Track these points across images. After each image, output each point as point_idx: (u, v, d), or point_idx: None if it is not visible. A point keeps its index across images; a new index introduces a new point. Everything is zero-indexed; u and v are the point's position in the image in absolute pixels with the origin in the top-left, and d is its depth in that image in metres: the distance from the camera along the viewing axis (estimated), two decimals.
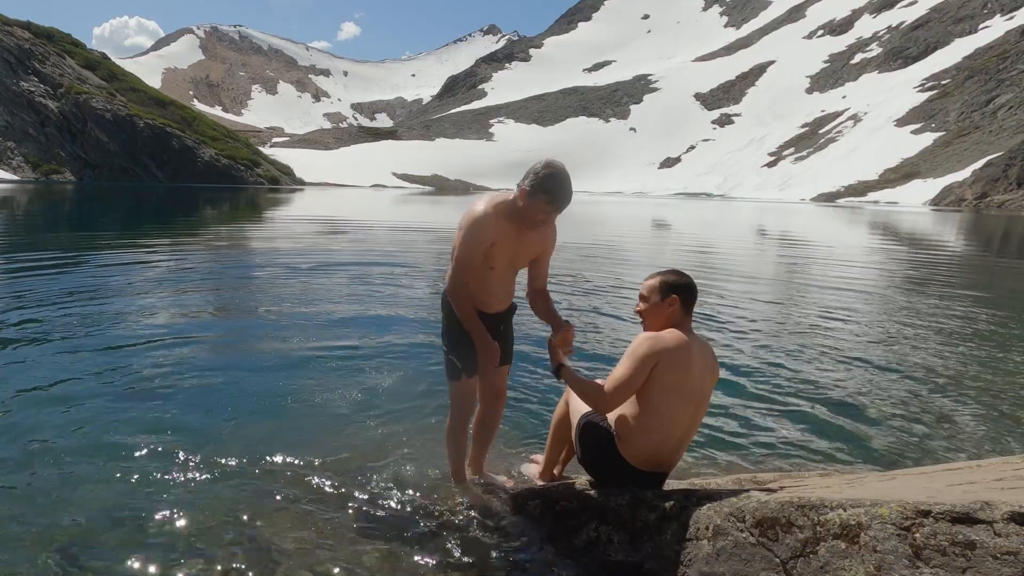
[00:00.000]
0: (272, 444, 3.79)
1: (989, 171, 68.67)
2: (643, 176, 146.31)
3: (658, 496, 2.64)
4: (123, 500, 3.13)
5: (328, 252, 13.88)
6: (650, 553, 2.48)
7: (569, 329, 2.93)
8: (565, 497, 2.95)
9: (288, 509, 3.11)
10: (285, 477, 3.43)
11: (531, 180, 2.82)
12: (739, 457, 3.99)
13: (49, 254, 11.81)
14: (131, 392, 4.61)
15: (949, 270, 14.47)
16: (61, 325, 6.36)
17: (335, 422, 4.22)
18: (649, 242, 21.11)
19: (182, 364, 5.29)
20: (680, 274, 2.82)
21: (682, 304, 2.76)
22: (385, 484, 3.37)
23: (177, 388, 4.73)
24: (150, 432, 3.91)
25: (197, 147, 69.68)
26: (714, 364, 2.81)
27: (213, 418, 4.20)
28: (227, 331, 6.67)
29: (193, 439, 3.83)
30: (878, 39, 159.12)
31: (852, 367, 5.94)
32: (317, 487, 3.34)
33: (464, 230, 2.93)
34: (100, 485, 3.26)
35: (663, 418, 2.69)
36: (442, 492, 3.30)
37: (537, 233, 3.01)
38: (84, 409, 4.24)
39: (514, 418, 4.40)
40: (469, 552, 2.78)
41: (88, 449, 3.65)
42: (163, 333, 6.27)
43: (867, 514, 1.95)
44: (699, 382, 2.70)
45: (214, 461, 3.54)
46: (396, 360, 5.66)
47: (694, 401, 2.72)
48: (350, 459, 3.65)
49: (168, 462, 3.53)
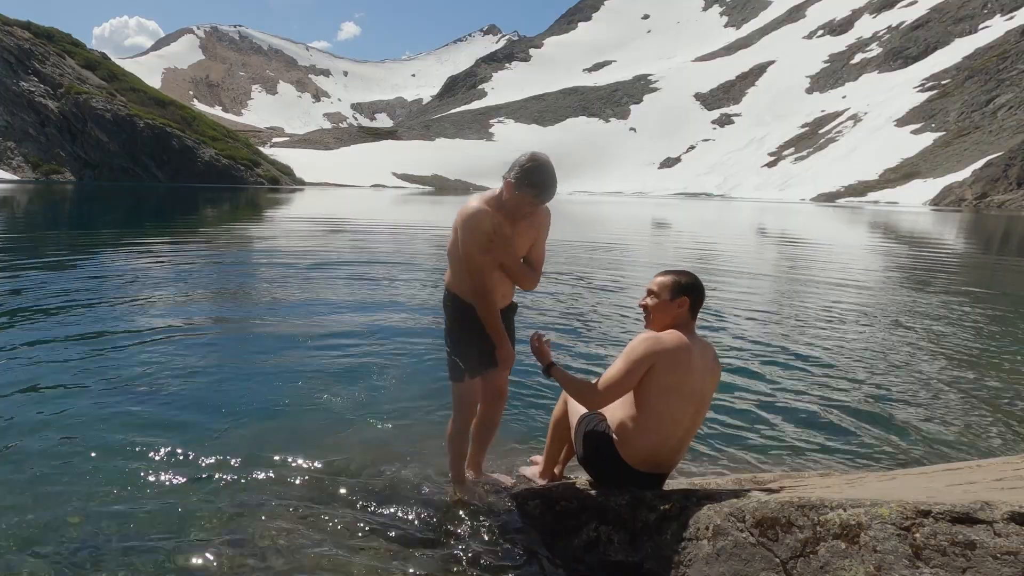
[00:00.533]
0: (272, 444, 3.79)
1: (989, 171, 68.66)
2: (643, 176, 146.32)
3: (658, 496, 2.64)
4: (121, 500, 3.13)
5: (329, 251, 13.88)
6: (650, 553, 2.47)
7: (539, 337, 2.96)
8: (565, 497, 2.95)
9: (287, 509, 3.11)
10: (284, 477, 3.43)
11: (516, 172, 2.83)
12: (739, 457, 3.99)
13: (49, 254, 11.81)
14: (130, 391, 4.60)
15: (949, 269, 14.47)
16: (60, 325, 6.35)
17: (334, 422, 4.22)
18: (649, 242, 21.11)
19: (181, 364, 5.29)
20: (692, 276, 2.82)
21: (691, 306, 2.76)
22: (385, 484, 3.37)
23: (175, 388, 4.72)
24: (148, 431, 3.91)
25: (197, 147, 69.70)
26: (715, 366, 2.80)
27: (211, 418, 4.19)
28: (227, 331, 6.67)
29: (192, 439, 3.83)
30: (878, 39, 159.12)
31: (852, 367, 5.94)
32: (316, 487, 3.33)
33: (462, 228, 2.92)
34: (98, 484, 3.25)
35: (662, 419, 2.68)
36: (442, 492, 3.30)
37: (528, 223, 3.01)
38: (84, 408, 4.23)
39: (513, 418, 4.40)
40: (469, 552, 2.78)
41: (87, 448, 3.64)
42: (162, 333, 6.26)
43: (867, 514, 1.95)
44: (699, 383, 2.70)
45: (213, 461, 3.54)
46: (397, 360, 5.66)
47: (694, 402, 2.71)
48: (350, 459, 3.65)
49: (167, 462, 3.53)
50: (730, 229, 28.95)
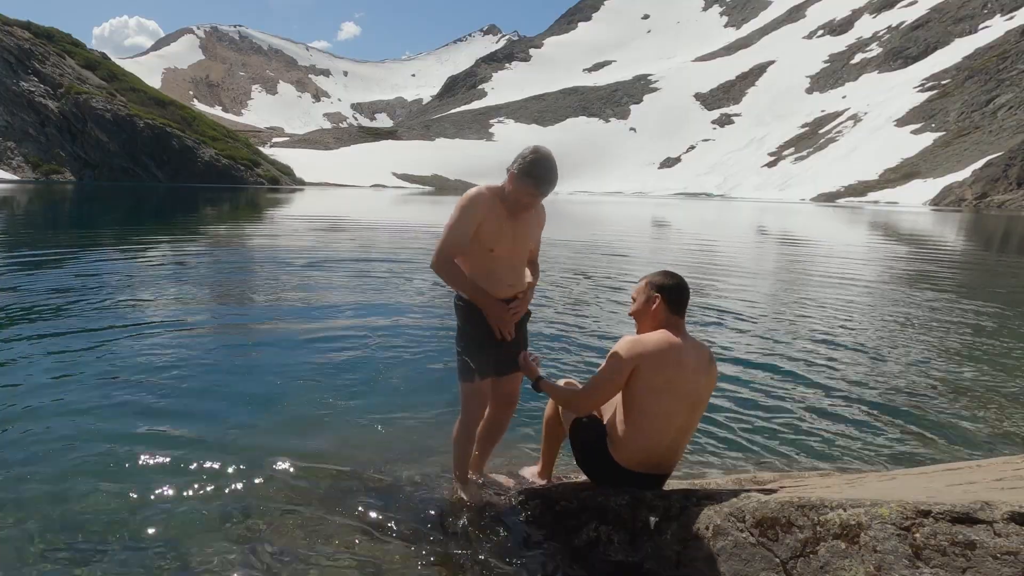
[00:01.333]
0: (271, 443, 3.79)
1: (989, 171, 68.67)
2: (643, 176, 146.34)
3: (658, 496, 2.64)
4: (121, 499, 3.13)
5: (329, 251, 13.87)
6: (650, 553, 2.47)
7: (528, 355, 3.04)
8: (565, 497, 2.95)
9: (287, 508, 3.10)
10: (284, 476, 3.43)
11: (518, 164, 2.86)
12: (739, 457, 3.99)
13: (49, 253, 11.81)
14: (129, 390, 4.60)
15: (950, 269, 14.47)
16: (59, 324, 6.35)
17: (334, 421, 4.21)
18: (650, 241, 21.11)
19: (181, 364, 5.28)
20: (668, 275, 2.79)
21: (667, 304, 2.72)
22: (385, 484, 3.37)
23: (175, 387, 4.72)
24: (148, 430, 3.91)
25: (197, 147, 69.67)
26: (710, 366, 2.73)
27: (211, 417, 4.19)
28: (227, 330, 6.66)
29: (191, 438, 3.83)
30: (878, 39, 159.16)
31: (852, 367, 5.94)
32: (316, 486, 3.33)
33: (456, 205, 2.96)
34: (98, 484, 3.25)
35: (654, 420, 2.66)
36: (442, 492, 3.30)
37: (530, 215, 3.03)
38: (83, 407, 4.23)
39: (514, 419, 4.40)
40: (469, 552, 2.78)
41: (86, 447, 3.64)
42: (162, 333, 6.26)
43: (867, 514, 1.95)
44: (692, 383, 2.65)
45: (212, 460, 3.54)
46: (397, 360, 5.66)
47: (687, 402, 2.67)
48: (349, 458, 3.65)
49: (166, 461, 3.52)
50: (730, 229, 28.95)
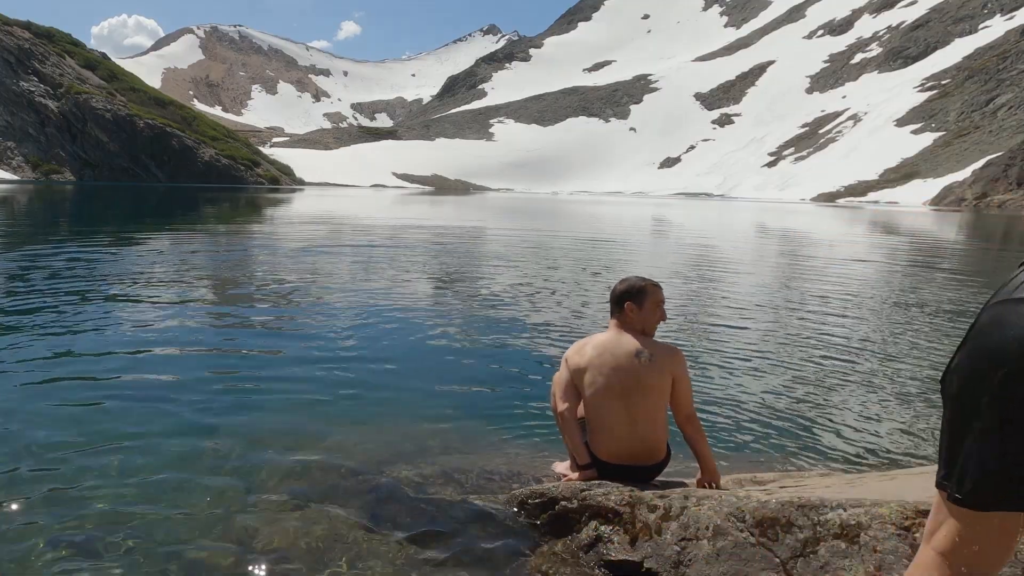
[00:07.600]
0: (271, 443, 3.79)
1: (989, 171, 68.68)
2: (643, 176, 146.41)
3: (658, 496, 2.64)
4: (120, 498, 3.12)
5: (328, 249, 13.88)
6: (650, 553, 2.47)
7: None
8: (565, 497, 2.95)
9: (286, 509, 3.10)
10: (283, 476, 3.43)
11: None
12: (739, 457, 3.99)
13: (49, 253, 11.81)
14: (128, 389, 4.60)
15: (950, 268, 14.47)
16: (59, 324, 6.35)
17: (335, 421, 4.21)
18: (650, 241, 21.11)
19: (180, 364, 5.29)
20: (621, 281, 3.00)
21: (612, 305, 2.96)
22: (385, 484, 3.37)
23: (174, 388, 4.72)
24: (147, 430, 3.90)
25: (197, 147, 69.73)
26: (651, 362, 2.83)
27: (211, 417, 4.19)
28: (227, 329, 6.66)
29: (191, 438, 3.82)
30: (878, 39, 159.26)
31: (852, 366, 5.93)
32: (315, 486, 3.33)
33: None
34: (98, 484, 3.25)
35: (599, 414, 2.91)
36: (442, 491, 3.30)
37: None
38: (83, 406, 4.23)
39: (520, 415, 4.40)
40: (468, 552, 2.78)
41: (86, 447, 3.64)
42: (160, 333, 6.26)
43: (867, 514, 1.96)
44: (617, 378, 2.84)
45: (212, 459, 3.54)
46: (398, 360, 5.66)
47: (617, 395, 2.85)
48: (349, 458, 3.65)
49: (165, 461, 3.53)
50: (730, 229, 28.95)
